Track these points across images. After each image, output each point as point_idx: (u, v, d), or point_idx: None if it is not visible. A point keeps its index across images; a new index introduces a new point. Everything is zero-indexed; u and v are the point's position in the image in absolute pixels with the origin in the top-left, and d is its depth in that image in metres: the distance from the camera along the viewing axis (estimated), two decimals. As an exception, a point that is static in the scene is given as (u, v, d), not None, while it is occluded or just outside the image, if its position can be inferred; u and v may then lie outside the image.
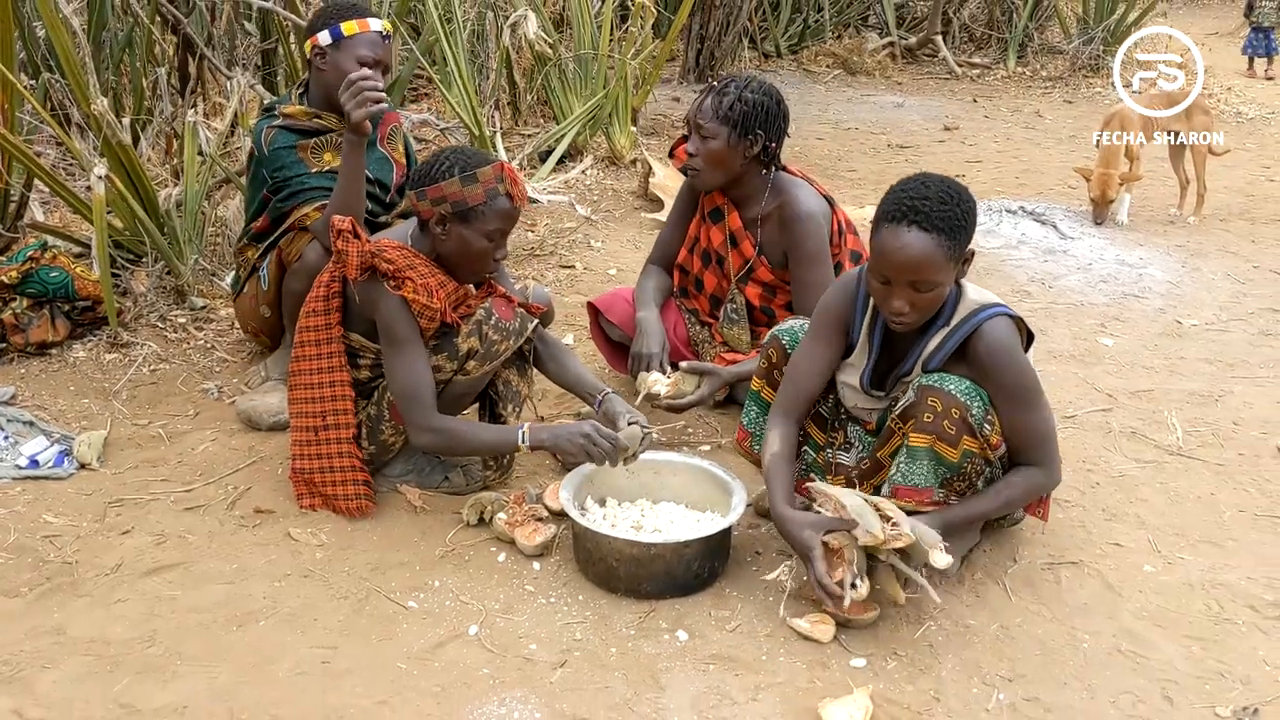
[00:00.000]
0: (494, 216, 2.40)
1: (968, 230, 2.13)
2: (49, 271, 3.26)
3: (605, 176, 5.51)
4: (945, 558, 2.06)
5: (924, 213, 2.07)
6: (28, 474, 2.65)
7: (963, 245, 2.12)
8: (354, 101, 2.64)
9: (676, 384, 2.78)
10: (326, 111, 2.88)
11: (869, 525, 2.07)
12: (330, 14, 2.83)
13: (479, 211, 2.38)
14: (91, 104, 3.19)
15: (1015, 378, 2.21)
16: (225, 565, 2.35)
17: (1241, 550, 2.51)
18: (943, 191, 2.11)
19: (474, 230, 2.40)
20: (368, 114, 2.65)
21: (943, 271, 2.10)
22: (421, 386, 2.43)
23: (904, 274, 2.11)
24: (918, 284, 2.11)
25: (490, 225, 2.41)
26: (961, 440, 2.19)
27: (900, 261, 2.10)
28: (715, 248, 3.03)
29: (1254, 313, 4.03)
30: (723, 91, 2.81)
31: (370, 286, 2.39)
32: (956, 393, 2.19)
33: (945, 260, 2.09)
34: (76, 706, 1.93)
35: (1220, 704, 2.01)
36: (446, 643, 2.12)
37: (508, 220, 2.44)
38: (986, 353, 2.19)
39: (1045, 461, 2.29)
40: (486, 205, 2.38)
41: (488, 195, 2.38)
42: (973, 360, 2.21)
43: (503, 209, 2.41)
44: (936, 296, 2.15)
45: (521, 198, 2.46)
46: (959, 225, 2.09)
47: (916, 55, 9.85)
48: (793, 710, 1.97)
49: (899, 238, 2.09)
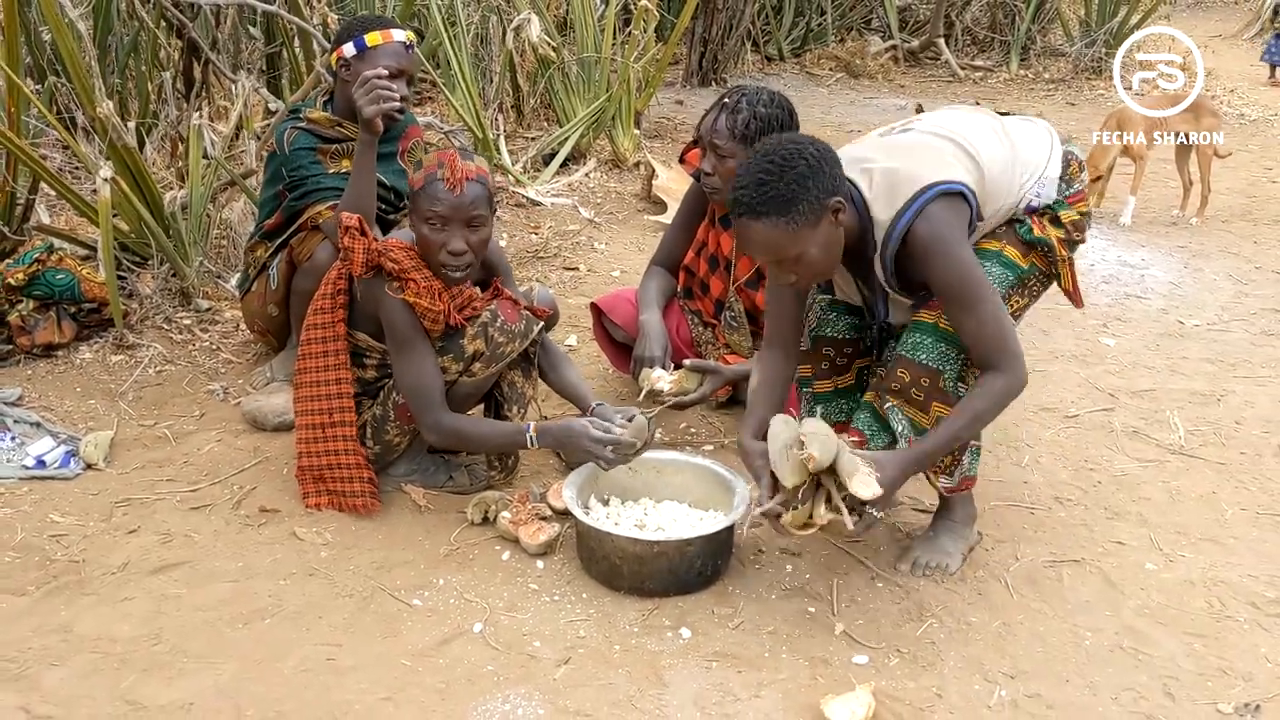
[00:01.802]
0: (427, 200, 2.36)
1: (804, 195, 2.01)
2: (55, 274, 3.27)
3: (608, 179, 5.52)
4: (869, 487, 1.97)
5: (746, 202, 2.04)
6: (34, 474, 2.67)
7: (807, 210, 2.02)
8: (367, 99, 2.68)
9: (679, 382, 2.79)
10: (349, 121, 2.92)
11: (801, 454, 2.01)
12: (355, 26, 2.90)
13: (417, 196, 2.38)
14: (97, 107, 3.21)
15: (946, 273, 2.10)
16: (231, 564, 2.36)
17: (1242, 548, 2.52)
18: (760, 172, 2.04)
19: (418, 218, 2.39)
20: (379, 111, 2.68)
21: (798, 242, 2.04)
22: (429, 385, 2.44)
23: (766, 258, 2.11)
24: (783, 261, 2.09)
25: (425, 209, 2.36)
26: (932, 406, 2.21)
27: (755, 251, 2.11)
28: (725, 254, 3.04)
29: (1255, 313, 4.03)
30: (735, 109, 2.76)
31: (375, 285, 2.41)
32: (928, 361, 2.20)
33: (792, 234, 2.03)
34: (83, 704, 1.94)
35: (1222, 700, 2.02)
36: (451, 640, 2.13)
37: (445, 207, 2.36)
38: (921, 254, 2.11)
39: (1003, 364, 2.13)
40: (423, 190, 2.37)
41: (426, 179, 2.37)
42: (915, 260, 2.14)
43: (435, 194, 2.35)
44: (814, 259, 2.08)
45: (455, 185, 2.36)
46: (787, 197, 2.01)
47: (919, 58, 9.86)
48: (795, 707, 1.98)
49: (740, 231, 2.10)
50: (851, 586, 2.34)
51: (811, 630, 2.20)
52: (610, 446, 2.39)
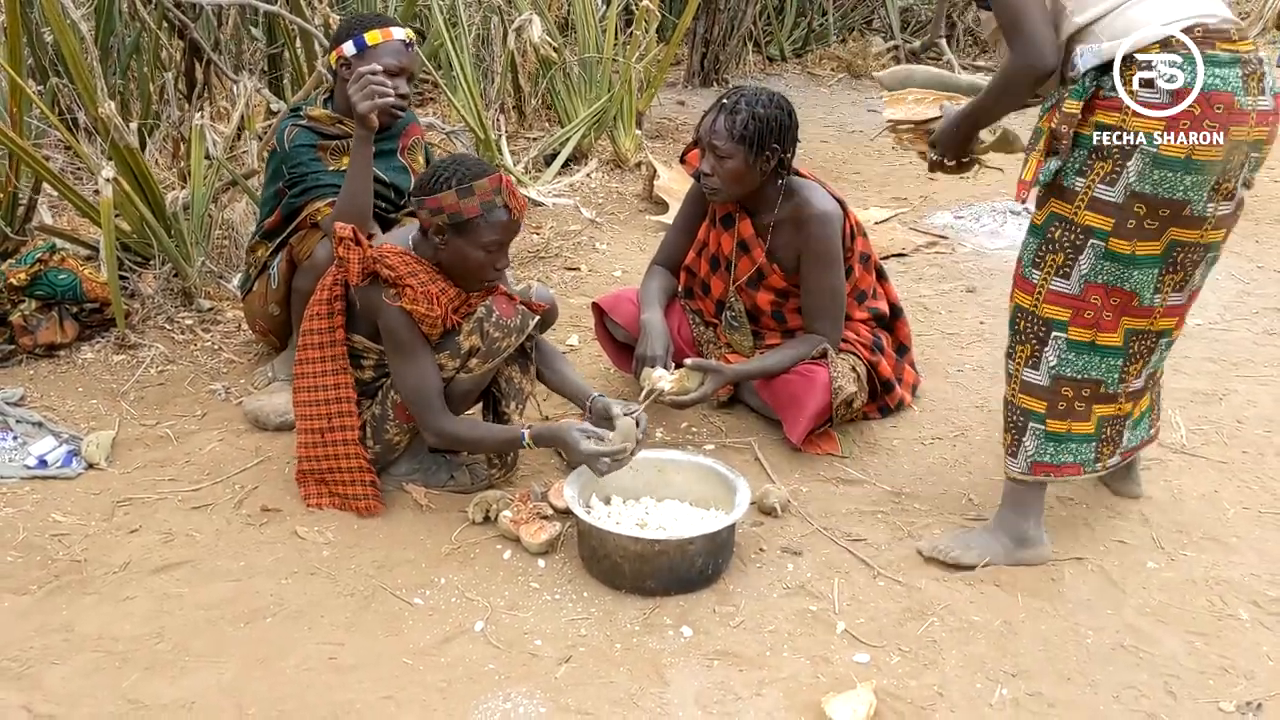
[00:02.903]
0: (490, 229, 2.38)
1: None
2: (57, 274, 3.28)
3: (610, 179, 5.52)
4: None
5: None
6: (36, 474, 2.67)
7: None
8: (362, 94, 2.68)
9: (680, 380, 2.79)
10: (350, 119, 2.92)
11: None
12: (354, 25, 2.90)
13: (475, 224, 2.37)
14: (99, 108, 3.21)
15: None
16: (232, 563, 2.36)
17: (1244, 547, 2.51)
18: None
19: (470, 242, 2.39)
20: (374, 106, 2.69)
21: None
22: (429, 390, 2.44)
23: None
24: None
25: (486, 237, 2.38)
26: None
27: None
28: (725, 254, 3.04)
29: (1258, 312, 4.03)
30: (734, 109, 2.76)
31: (371, 292, 2.41)
32: None
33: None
34: (85, 702, 1.94)
35: (1223, 699, 2.02)
36: (452, 639, 2.13)
37: (505, 232, 2.41)
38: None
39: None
40: (482, 218, 2.36)
41: (483, 208, 2.36)
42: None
43: (499, 221, 2.39)
44: None
45: (520, 209, 2.43)
46: None
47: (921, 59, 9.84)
48: (796, 705, 1.98)
49: None
50: (853, 585, 2.34)
51: (813, 629, 2.20)
52: (604, 465, 2.37)
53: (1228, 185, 2.11)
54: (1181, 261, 2.17)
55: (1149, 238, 2.12)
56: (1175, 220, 2.11)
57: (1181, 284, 2.22)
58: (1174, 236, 2.13)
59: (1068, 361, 2.25)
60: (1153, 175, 2.06)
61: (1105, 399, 2.31)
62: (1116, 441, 2.39)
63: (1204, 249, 2.19)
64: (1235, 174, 2.11)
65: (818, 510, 2.63)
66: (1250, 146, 2.09)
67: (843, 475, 2.80)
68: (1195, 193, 2.07)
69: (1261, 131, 2.10)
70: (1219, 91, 2.03)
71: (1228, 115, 2.03)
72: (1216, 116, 2.03)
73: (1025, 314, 2.27)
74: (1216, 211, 2.13)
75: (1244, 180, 2.16)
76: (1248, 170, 2.14)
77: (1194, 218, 2.11)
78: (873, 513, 2.63)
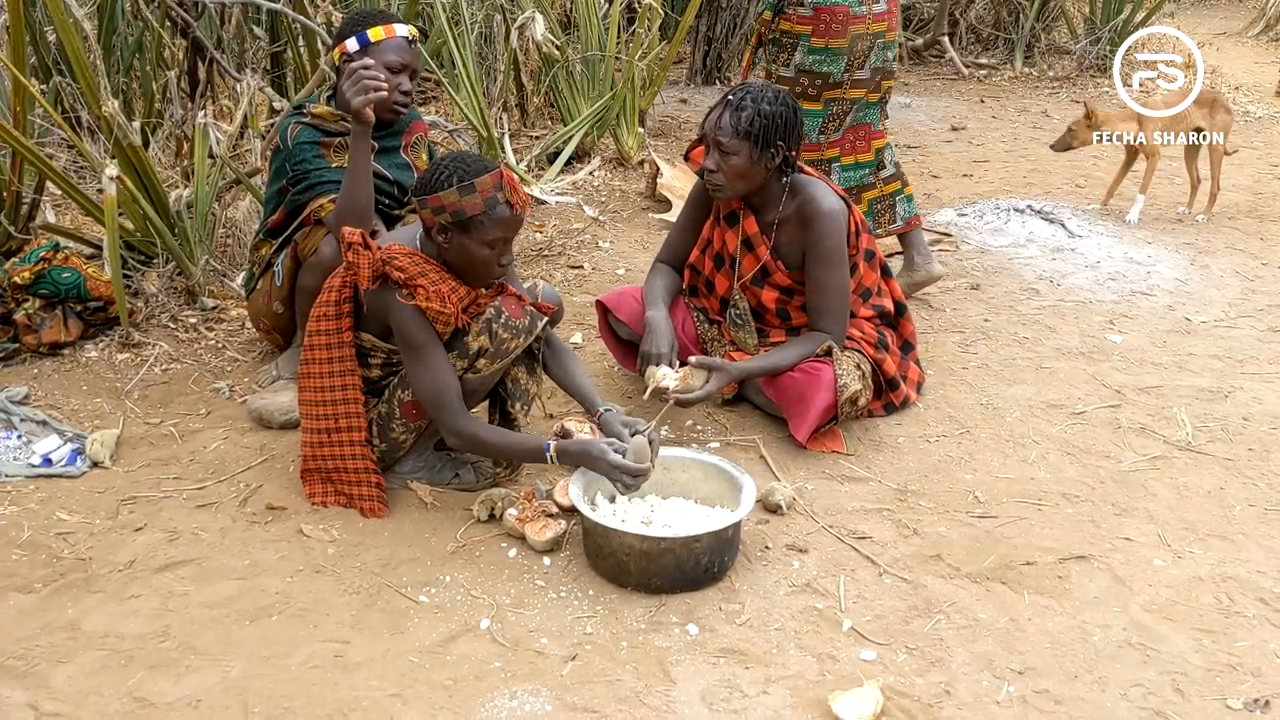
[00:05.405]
0: (494, 225, 2.38)
1: None
2: (61, 272, 3.28)
3: (613, 177, 5.52)
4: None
5: None
6: (41, 472, 2.67)
7: None
8: (354, 89, 2.67)
9: (685, 379, 2.79)
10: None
11: None
12: (357, 21, 2.90)
13: (478, 221, 2.37)
14: (102, 107, 3.21)
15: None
16: (237, 561, 2.36)
17: (1251, 544, 2.51)
18: None
19: (474, 239, 2.38)
20: (367, 101, 2.67)
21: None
22: (447, 389, 2.43)
23: None
24: None
25: (490, 234, 2.38)
26: None
27: None
28: (730, 252, 3.04)
29: (1263, 309, 4.02)
30: (739, 106, 2.76)
31: (383, 294, 2.40)
32: None
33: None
34: (91, 700, 1.94)
35: (1231, 696, 2.01)
36: (458, 637, 2.13)
37: (508, 228, 2.41)
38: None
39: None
40: (485, 215, 2.36)
41: (486, 205, 2.36)
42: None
43: (502, 218, 2.39)
44: None
45: (522, 205, 2.43)
46: None
47: (923, 56, 9.84)
48: (803, 703, 1.98)
49: None
50: (859, 582, 2.34)
51: (819, 626, 2.19)
52: (628, 483, 2.37)
53: (857, 62, 3.53)
54: (835, 112, 3.62)
55: (811, 100, 3.59)
56: (826, 86, 3.56)
57: (839, 127, 3.65)
58: (827, 96, 3.58)
59: None
60: (808, 58, 3.52)
61: None
62: None
63: (850, 103, 3.62)
64: (863, 55, 3.52)
65: (823, 508, 2.62)
66: (873, 37, 3.51)
67: (848, 473, 2.79)
68: (834, 67, 3.52)
69: (879, 26, 3.51)
70: (837, 6, 3.45)
71: (846, 21, 3.45)
72: (838, 23, 3.46)
73: None
74: (850, 78, 3.56)
75: (883, 59, 3.59)
76: (881, 51, 3.56)
77: (835, 84, 3.56)
78: (878, 510, 2.62)
